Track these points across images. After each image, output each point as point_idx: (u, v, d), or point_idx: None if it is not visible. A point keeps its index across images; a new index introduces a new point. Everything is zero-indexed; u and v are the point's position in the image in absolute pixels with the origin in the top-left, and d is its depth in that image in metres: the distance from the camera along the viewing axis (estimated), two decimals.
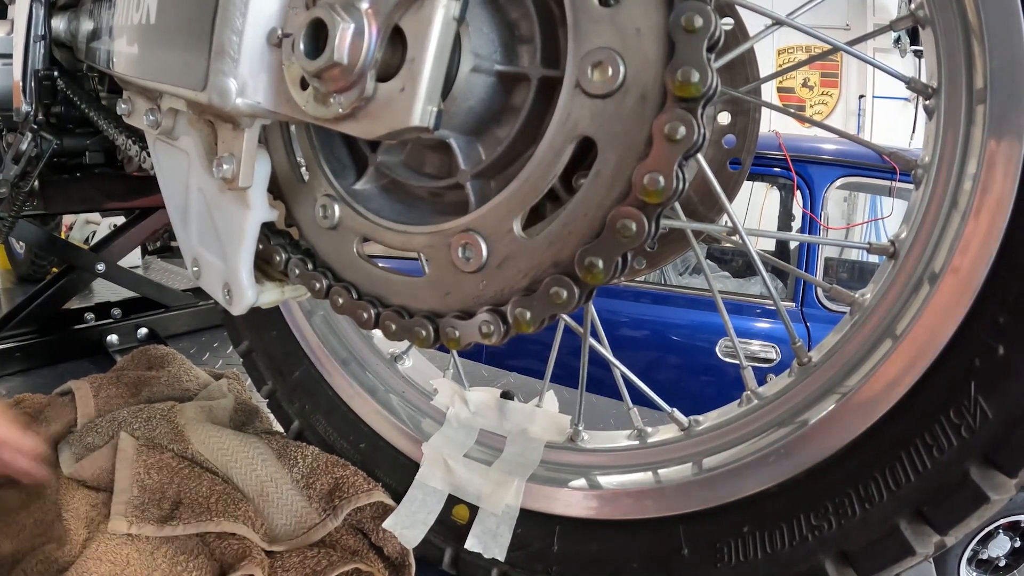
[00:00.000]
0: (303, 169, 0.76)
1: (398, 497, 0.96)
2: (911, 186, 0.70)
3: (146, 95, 0.84)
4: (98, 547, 0.83)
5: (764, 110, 0.93)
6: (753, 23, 0.82)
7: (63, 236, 3.83)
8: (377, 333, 0.68)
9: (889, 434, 0.64)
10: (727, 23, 0.83)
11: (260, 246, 0.75)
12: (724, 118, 0.93)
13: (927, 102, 0.66)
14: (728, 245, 1.12)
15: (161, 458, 0.98)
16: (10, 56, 1.16)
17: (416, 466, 0.97)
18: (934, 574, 0.97)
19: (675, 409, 0.84)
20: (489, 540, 0.88)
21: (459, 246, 0.61)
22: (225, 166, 0.68)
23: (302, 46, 0.57)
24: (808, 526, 0.69)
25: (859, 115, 6.45)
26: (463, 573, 0.92)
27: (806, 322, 2.51)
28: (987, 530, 2.25)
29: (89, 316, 1.83)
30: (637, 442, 0.87)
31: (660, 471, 0.82)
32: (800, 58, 5.91)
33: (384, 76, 0.55)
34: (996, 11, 0.56)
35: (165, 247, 4.57)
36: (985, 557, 2.31)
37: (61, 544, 0.86)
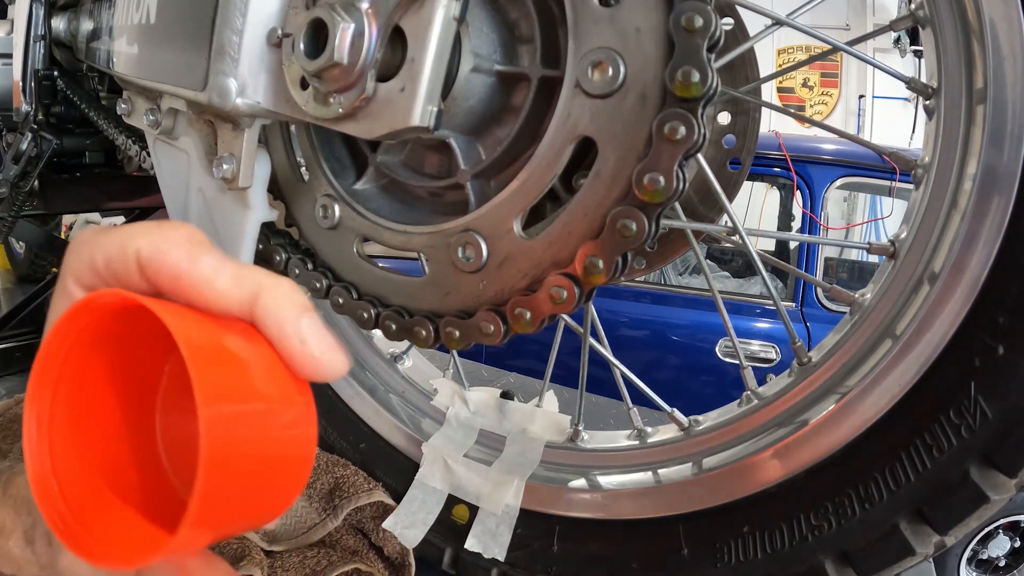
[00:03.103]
0: (303, 169, 0.76)
1: (398, 497, 0.96)
2: (911, 186, 0.70)
3: (146, 95, 0.84)
4: None
5: (764, 110, 0.93)
6: (753, 23, 0.82)
7: (63, 236, 3.83)
8: (377, 333, 0.68)
9: (889, 434, 0.64)
10: (727, 23, 0.83)
11: (260, 246, 0.75)
12: (724, 118, 0.93)
13: (927, 102, 0.66)
14: (728, 245, 1.12)
15: None
16: (10, 56, 1.16)
17: (416, 466, 0.96)
18: (934, 574, 0.97)
19: (675, 409, 0.84)
20: (489, 540, 0.88)
21: (459, 246, 0.61)
22: (225, 166, 0.68)
23: (302, 46, 0.57)
24: (808, 526, 0.69)
25: (859, 115, 6.44)
26: (463, 573, 0.92)
27: (806, 322, 2.50)
28: (987, 530, 2.25)
29: None
30: (637, 442, 0.87)
31: (660, 471, 0.82)
32: (800, 58, 5.90)
33: (384, 76, 0.55)
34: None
35: None
36: (985, 557, 2.30)
37: None
